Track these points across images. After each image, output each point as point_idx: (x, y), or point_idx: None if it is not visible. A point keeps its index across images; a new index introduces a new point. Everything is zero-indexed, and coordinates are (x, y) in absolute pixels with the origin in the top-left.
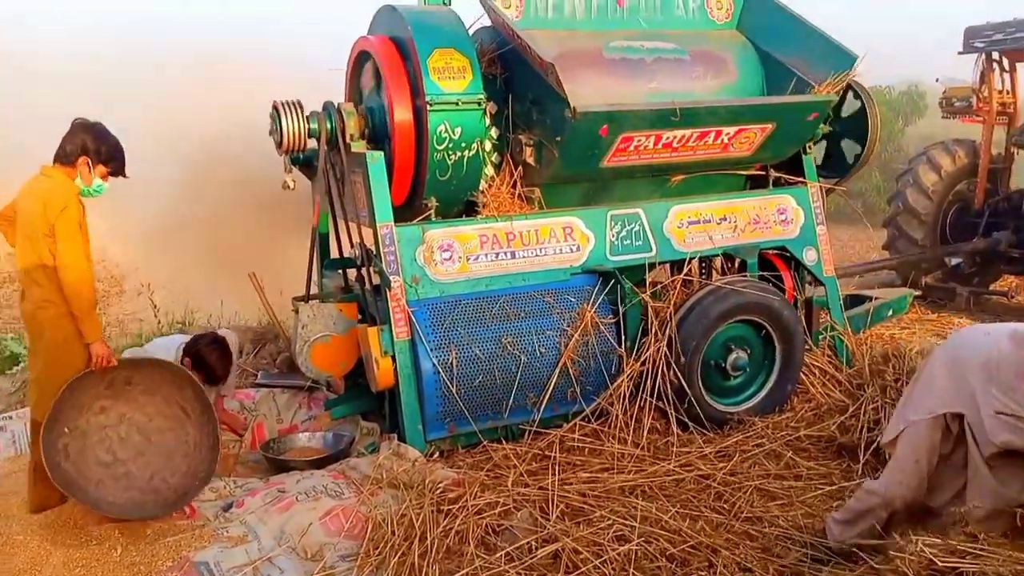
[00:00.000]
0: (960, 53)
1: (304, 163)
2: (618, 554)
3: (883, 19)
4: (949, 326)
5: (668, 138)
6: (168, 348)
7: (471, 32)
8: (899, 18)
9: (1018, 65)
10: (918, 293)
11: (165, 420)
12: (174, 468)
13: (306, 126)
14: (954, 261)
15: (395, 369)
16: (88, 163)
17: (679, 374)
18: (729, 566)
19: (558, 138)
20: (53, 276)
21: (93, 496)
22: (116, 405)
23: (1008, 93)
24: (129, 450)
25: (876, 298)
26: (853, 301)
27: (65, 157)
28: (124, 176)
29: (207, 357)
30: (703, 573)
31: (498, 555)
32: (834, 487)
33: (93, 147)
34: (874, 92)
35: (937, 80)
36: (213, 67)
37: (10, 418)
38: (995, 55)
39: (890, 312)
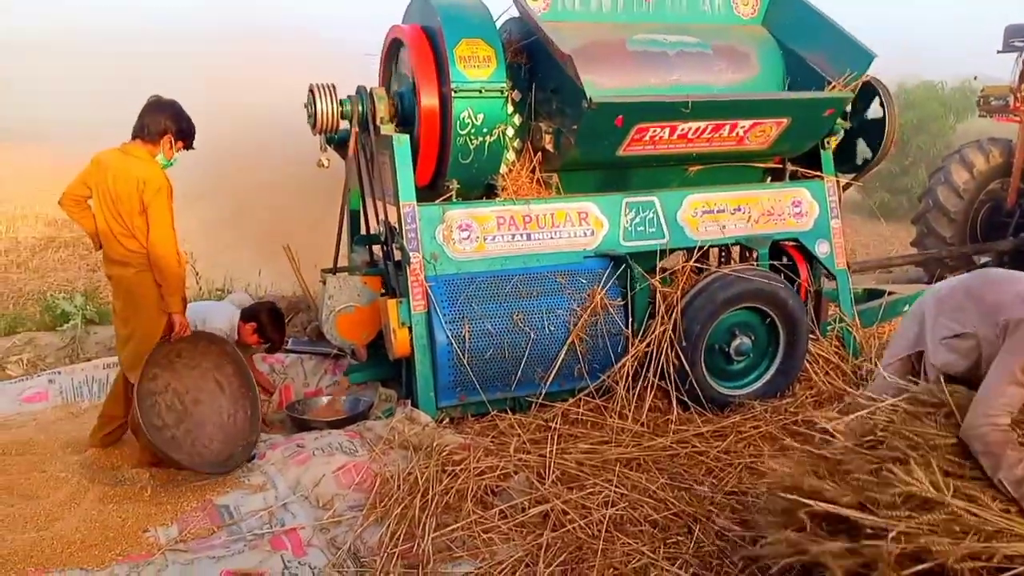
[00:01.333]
0: (999, 52)
1: (339, 143)
2: (603, 516)
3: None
4: None
5: (683, 129)
6: (210, 311)
7: (500, 22)
8: (959, 13)
9: None
10: None
11: (200, 392)
12: (209, 436)
13: (339, 108)
14: (982, 260)
15: (411, 339)
16: (170, 140)
17: (682, 356)
18: (707, 534)
19: (575, 126)
20: (143, 248)
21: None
22: (163, 374)
23: None
24: (171, 417)
25: (891, 293)
26: (872, 295)
27: (148, 134)
28: (193, 148)
29: (267, 324)
30: (681, 538)
31: (492, 511)
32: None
33: (175, 126)
34: (925, 88)
35: (975, 79)
36: (261, 47)
37: (59, 373)
38: None
39: (906, 307)
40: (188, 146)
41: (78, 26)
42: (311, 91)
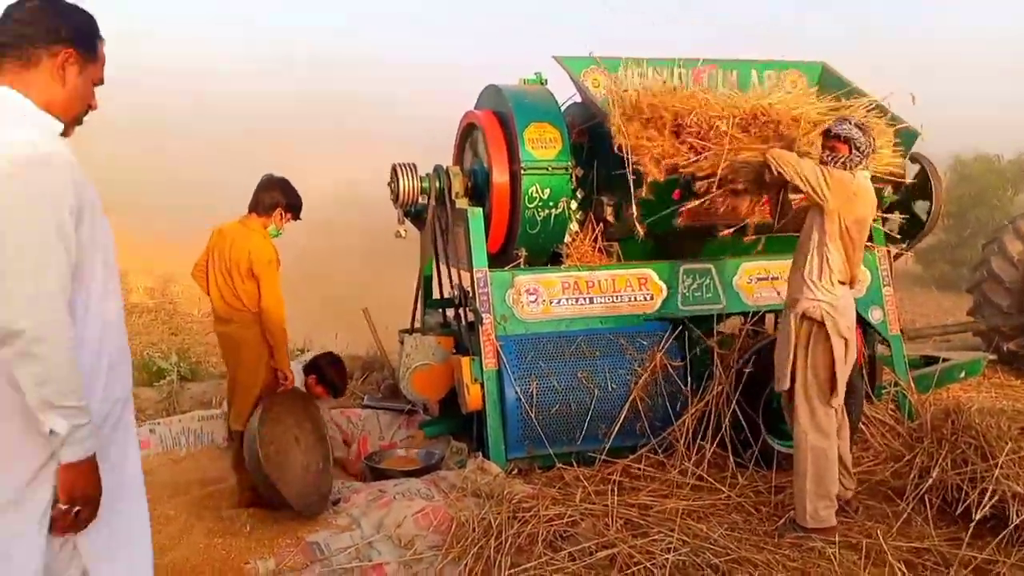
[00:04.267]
0: None
1: (415, 216)
2: (666, 561)
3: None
4: None
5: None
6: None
7: (564, 106)
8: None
9: None
10: (993, 357)
11: (277, 444)
12: (287, 483)
13: (419, 184)
14: None
15: (483, 395)
16: (280, 213)
17: (740, 415)
18: None
19: (635, 200)
20: (253, 310)
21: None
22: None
23: None
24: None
25: (946, 359)
26: (929, 362)
27: (262, 208)
28: (300, 219)
29: (327, 372)
30: None
31: (562, 554)
32: (873, 523)
33: (286, 201)
34: (982, 160)
35: None
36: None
37: (158, 424)
38: None
39: (962, 374)
40: (296, 217)
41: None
42: (394, 170)
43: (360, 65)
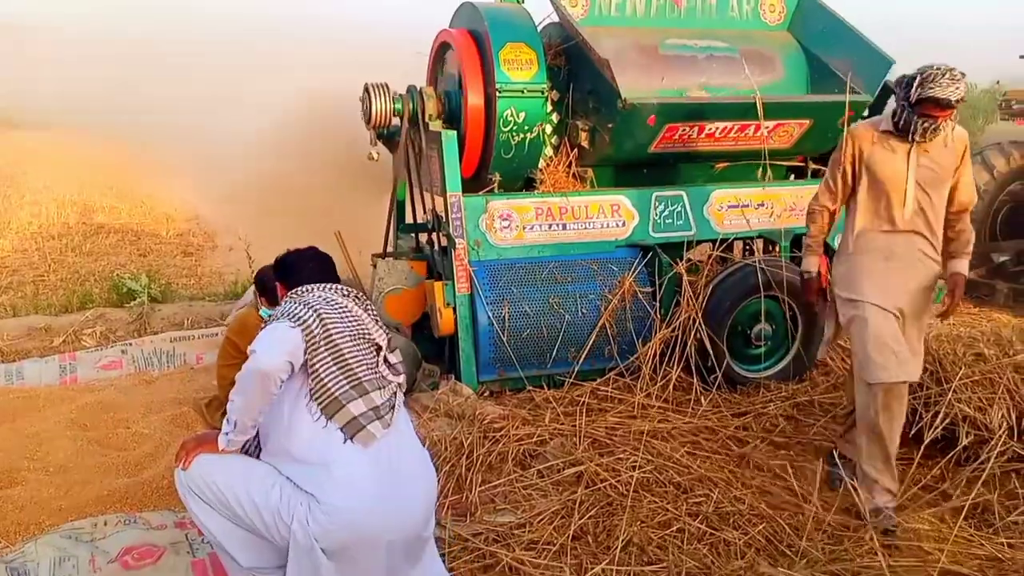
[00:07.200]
0: (1021, 57)
1: (388, 138)
2: (631, 478)
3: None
4: (987, 320)
5: (711, 129)
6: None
7: (540, 27)
8: (990, 14)
9: None
10: None
11: None
12: None
13: (392, 106)
14: (1000, 258)
15: (455, 319)
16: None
17: (705, 340)
18: (726, 496)
19: (610, 125)
20: None
21: None
22: None
23: None
24: None
25: None
26: None
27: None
28: None
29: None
30: (701, 499)
31: (531, 471)
32: (832, 445)
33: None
34: None
35: (998, 83)
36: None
37: (130, 344)
38: None
39: None
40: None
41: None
42: (366, 90)
43: None
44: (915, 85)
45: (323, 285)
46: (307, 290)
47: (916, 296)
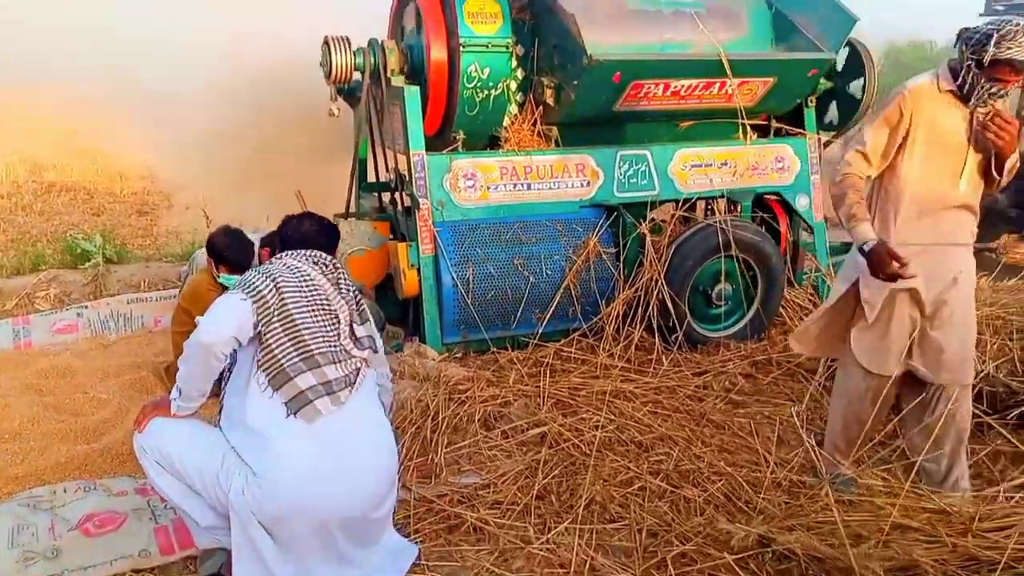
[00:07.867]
0: (980, 15)
1: (349, 93)
2: (594, 437)
3: None
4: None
5: (676, 87)
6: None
7: None
8: None
9: None
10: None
11: None
12: None
13: (353, 60)
14: None
15: (419, 280)
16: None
17: (667, 300)
18: (686, 454)
19: (575, 82)
20: None
21: None
22: None
23: None
24: None
25: None
26: (849, 248)
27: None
28: None
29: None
30: (662, 457)
31: (495, 432)
32: (790, 403)
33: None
34: (915, 47)
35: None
36: None
37: (86, 307)
38: None
39: None
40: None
41: None
42: (326, 43)
43: None
44: (990, 44)
45: (295, 252)
46: (278, 257)
47: (960, 287)
